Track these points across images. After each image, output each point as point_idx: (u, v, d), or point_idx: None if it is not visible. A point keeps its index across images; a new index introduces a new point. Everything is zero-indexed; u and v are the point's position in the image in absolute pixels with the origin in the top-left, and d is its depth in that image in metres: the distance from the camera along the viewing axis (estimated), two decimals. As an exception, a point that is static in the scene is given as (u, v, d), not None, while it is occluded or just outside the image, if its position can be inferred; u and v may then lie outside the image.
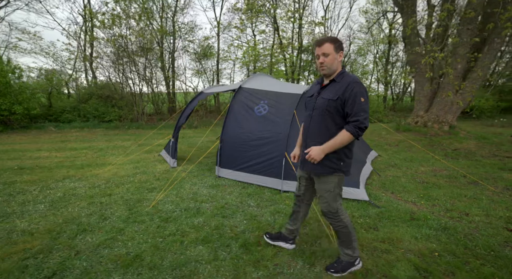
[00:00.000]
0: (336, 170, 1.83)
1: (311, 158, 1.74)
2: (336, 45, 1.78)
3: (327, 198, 1.88)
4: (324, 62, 1.77)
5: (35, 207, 3.08)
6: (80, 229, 2.60)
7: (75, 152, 6.13)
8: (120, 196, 3.46)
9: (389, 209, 3.06)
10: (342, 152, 1.81)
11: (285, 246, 2.28)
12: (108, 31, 10.03)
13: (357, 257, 1.99)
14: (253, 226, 2.67)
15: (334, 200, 1.88)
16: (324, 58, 1.77)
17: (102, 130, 9.48)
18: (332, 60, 1.77)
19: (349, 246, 1.95)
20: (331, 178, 1.85)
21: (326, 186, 1.87)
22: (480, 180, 4.12)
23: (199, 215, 2.91)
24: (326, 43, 1.76)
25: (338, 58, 1.80)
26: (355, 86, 1.70)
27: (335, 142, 1.72)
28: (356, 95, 1.68)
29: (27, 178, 4.13)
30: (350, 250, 1.96)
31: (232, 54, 15.18)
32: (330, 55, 1.76)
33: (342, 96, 1.72)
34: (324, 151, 1.74)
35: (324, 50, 1.77)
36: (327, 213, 1.91)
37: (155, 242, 2.38)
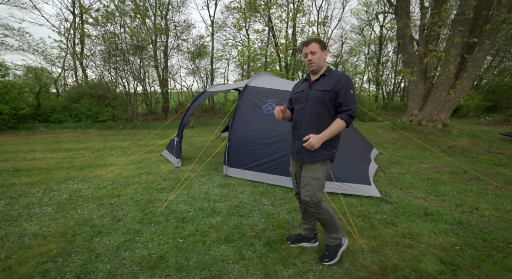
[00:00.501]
0: (329, 157, 1.96)
1: (310, 145, 1.82)
2: (321, 44, 1.97)
3: (314, 185, 1.94)
4: (312, 60, 1.95)
5: (42, 210, 2.95)
6: (95, 231, 2.51)
7: (72, 153, 5.93)
8: (129, 197, 3.37)
9: (401, 205, 3.11)
10: (334, 140, 1.97)
11: (309, 246, 2.28)
12: (100, 29, 9.74)
13: (341, 237, 2.11)
14: (272, 225, 2.66)
15: (319, 189, 1.96)
16: (312, 56, 1.95)
17: (96, 131, 9.22)
18: (318, 58, 1.96)
19: (335, 229, 2.07)
20: (322, 166, 1.96)
21: (315, 173, 1.95)
22: (480, 175, 4.26)
23: (215, 215, 2.87)
24: (312, 43, 1.95)
25: (324, 56, 1.98)
26: (345, 80, 1.90)
27: (331, 130, 1.86)
28: (347, 88, 1.88)
29: (26, 180, 3.96)
30: (336, 232, 2.08)
31: (227, 54, 15.12)
32: (317, 53, 1.94)
33: (335, 87, 1.89)
34: (323, 138, 1.85)
35: (311, 49, 1.94)
36: (310, 202, 1.95)
37: (176, 242, 2.33)
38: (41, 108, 10.40)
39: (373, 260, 2.06)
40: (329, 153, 1.96)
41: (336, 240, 2.08)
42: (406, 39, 8.91)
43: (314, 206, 1.96)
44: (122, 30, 10.32)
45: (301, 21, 14.81)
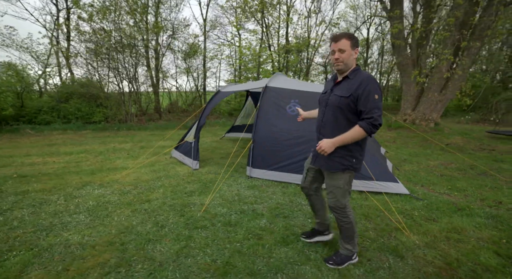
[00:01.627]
0: (348, 167, 1.85)
1: (321, 149, 1.75)
2: (353, 42, 1.78)
3: (336, 193, 1.92)
4: (340, 58, 1.77)
5: (73, 218, 2.78)
6: (143, 238, 2.40)
7: (73, 157, 5.61)
8: (160, 201, 3.26)
9: (431, 201, 3.26)
10: (355, 150, 1.84)
11: (324, 239, 2.32)
12: (93, 24, 9.24)
13: (355, 252, 2.07)
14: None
15: (343, 196, 1.92)
16: (340, 54, 1.77)
17: (90, 133, 8.77)
18: (348, 56, 1.77)
19: (351, 241, 2.02)
20: (342, 175, 1.88)
21: (336, 182, 1.90)
22: (489, 170, 4.55)
23: (259, 217, 2.85)
24: (343, 39, 1.76)
25: (354, 55, 1.80)
26: (368, 83, 1.69)
27: (346, 137, 1.73)
28: (369, 93, 1.68)
29: (39, 187, 3.70)
30: (350, 245, 2.03)
31: (219, 53, 14.95)
32: (346, 51, 1.76)
33: (355, 92, 1.72)
34: (334, 143, 1.74)
35: (341, 46, 1.76)
36: (335, 208, 1.95)
37: (235, 247, 2.29)
38: (25, 109, 9.70)
39: (434, 255, 2.15)
40: (348, 162, 1.84)
41: (347, 251, 2.05)
42: (400, 42, 9.30)
43: (340, 211, 1.95)
44: (113, 26, 9.85)
45: (293, 22, 14.96)
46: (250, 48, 13.34)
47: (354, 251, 2.06)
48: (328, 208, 2.04)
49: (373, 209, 3.04)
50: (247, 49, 13.48)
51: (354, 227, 2.00)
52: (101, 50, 9.85)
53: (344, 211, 1.93)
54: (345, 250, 2.05)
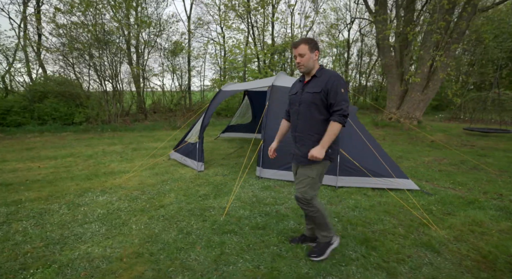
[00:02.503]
0: (325, 157, 1.93)
1: (314, 157, 1.83)
2: (311, 45, 1.91)
3: (306, 183, 1.97)
4: (301, 62, 1.92)
5: (85, 228, 2.53)
6: (172, 247, 2.24)
7: (59, 161, 5.16)
8: (176, 206, 3.08)
9: (441, 195, 3.41)
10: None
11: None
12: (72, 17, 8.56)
13: (332, 236, 2.13)
14: (349, 223, 2.69)
15: (311, 188, 1.98)
16: (300, 58, 1.91)
17: (71, 134, 8.13)
18: (307, 60, 1.91)
19: (324, 227, 2.09)
20: (317, 165, 1.96)
21: (308, 172, 1.97)
22: (480, 164, 4.87)
23: (286, 218, 2.80)
24: (301, 45, 1.90)
25: (314, 57, 1.93)
26: (335, 79, 1.86)
27: (330, 136, 1.84)
28: (337, 87, 1.84)
29: (32, 196, 3.34)
30: (326, 231, 2.10)
31: (205, 52, 14.63)
32: (305, 55, 1.90)
33: (325, 87, 1.86)
34: (324, 147, 1.84)
35: (300, 51, 1.90)
36: (301, 199, 1.99)
37: (273, 251, 2.22)
38: (-10, 109, 8.78)
39: (467, 249, 2.23)
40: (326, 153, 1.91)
41: (325, 238, 2.11)
42: (385, 44, 9.71)
43: (306, 202, 1.99)
44: (93, 20, 9.22)
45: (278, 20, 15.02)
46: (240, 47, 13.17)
47: (331, 236, 2.12)
48: (295, 199, 2.06)
49: (392, 206, 3.11)
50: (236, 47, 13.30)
51: (324, 213, 2.06)
52: (80, 45, 9.18)
53: (310, 203, 1.99)
54: (322, 238, 2.12)
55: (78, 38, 9.18)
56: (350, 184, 3.74)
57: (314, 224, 2.11)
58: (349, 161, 3.73)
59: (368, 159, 3.76)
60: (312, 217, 2.05)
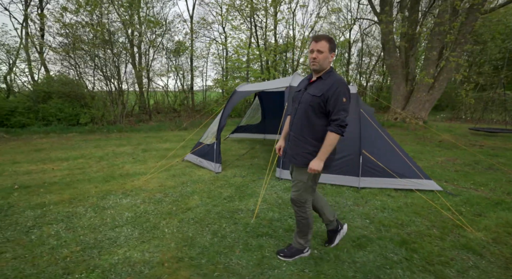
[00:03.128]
0: None
1: (313, 170, 1.82)
2: (331, 45, 1.86)
3: (300, 187, 1.98)
4: (317, 58, 1.83)
5: (118, 232, 2.49)
6: (211, 251, 2.21)
7: (72, 163, 5.08)
8: (203, 209, 3.05)
9: (465, 196, 3.43)
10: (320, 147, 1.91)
11: (343, 233, 2.35)
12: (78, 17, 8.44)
13: (307, 247, 2.15)
14: (382, 225, 2.68)
15: (305, 191, 1.98)
16: (317, 54, 1.83)
17: (77, 136, 8.03)
18: (324, 58, 1.84)
19: (304, 236, 2.10)
20: (306, 169, 1.92)
21: (301, 177, 1.97)
22: (491, 165, 4.91)
23: (317, 220, 2.77)
24: (323, 41, 1.83)
25: (330, 58, 1.87)
26: (339, 86, 1.79)
27: (326, 147, 1.81)
28: (339, 95, 1.78)
29: (54, 198, 3.28)
30: (303, 240, 2.12)
31: (207, 52, 14.57)
32: (324, 53, 1.83)
33: (326, 93, 1.80)
34: (321, 159, 1.82)
35: (319, 47, 1.82)
36: (296, 201, 2.01)
37: (314, 254, 2.20)
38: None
39: (510, 252, 2.22)
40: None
41: (299, 245, 2.13)
42: (390, 44, 9.76)
43: (299, 205, 2.01)
44: (98, 20, 9.11)
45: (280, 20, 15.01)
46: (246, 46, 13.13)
47: (306, 246, 2.14)
48: (290, 201, 2.10)
49: (420, 207, 3.11)
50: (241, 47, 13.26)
51: (310, 224, 2.07)
52: (85, 45, 9.07)
53: (303, 206, 2.01)
54: (297, 244, 2.13)
55: (83, 38, 9.07)
56: (372, 185, 3.73)
57: (297, 227, 2.12)
58: (371, 161, 3.73)
59: (391, 159, 3.76)
60: (298, 221, 2.07)
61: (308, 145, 1.91)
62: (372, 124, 4.05)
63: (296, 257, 2.12)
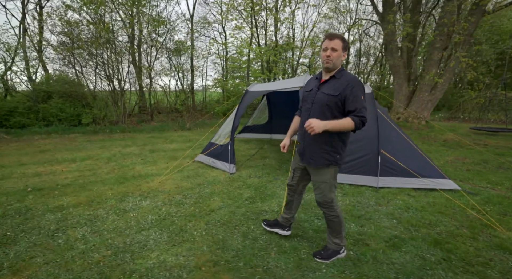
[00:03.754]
0: (332, 162, 1.94)
1: (310, 126, 1.70)
2: (345, 44, 1.87)
3: (323, 188, 2.00)
4: (331, 56, 1.84)
5: (145, 235, 2.43)
6: (246, 254, 2.17)
7: (80, 164, 4.97)
8: (227, 210, 3.00)
9: (485, 195, 3.45)
10: (338, 146, 1.94)
11: (281, 233, 2.42)
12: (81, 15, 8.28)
13: (343, 246, 2.14)
14: (410, 225, 2.67)
15: (329, 191, 2.00)
16: (332, 52, 1.84)
17: (80, 136, 7.88)
18: (338, 56, 1.85)
19: (338, 235, 2.10)
20: (327, 170, 1.96)
21: (322, 177, 1.99)
22: (501, 164, 4.97)
23: (345, 221, 2.75)
24: (337, 39, 1.84)
25: (342, 57, 1.88)
26: (355, 85, 1.80)
27: (337, 123, 1.76)
28: (357, 94, 1.79)
29: (72, 201, 3.20)
30: (338, 239, 2.11)
31: (207, 52, 14.48)
32: (338, 51, 1.84)
33: (343, 92, 1.80)
34: (325, 125, 1.73)
35: (334, 45, 1.83)
36: (323, 203, 2.03)
37: (350, 255, 2.18)
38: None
39: (544, 250, 2.24)
40: (332, 158, 1.93)
41: (335, 246, 2.12)
42: (393, 45, 9.82)
43: (328, 206, 2.02)
44: (100, 19, 8.96)
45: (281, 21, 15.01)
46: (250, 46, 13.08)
47: (342, 245, 2.14)
48: (316, 204, 2.14)
49: (443, 206, 3.12)
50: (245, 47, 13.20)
51: (342, 221, 2.08)
52: (86, 44, 8.91)
53: (331, 206, 2.02)
54: (333, 245, 2.13)
55: (85, 36, 8.91)
56: (391, 185, 3.73)
57: (330, 228, 2.12)
58: (390, 161, 3.73)
59: (410, 159, 3.77)
60: (330, 221, 2.08)
61: (325, 144, 1.91)
62: (389, 124, 4.06)
63: (334, 258, 2.10)
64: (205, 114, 12.11)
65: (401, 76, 10.01)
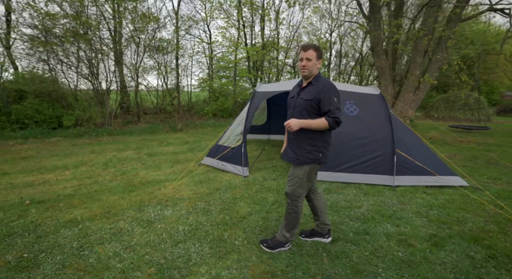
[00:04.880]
0: (314, 160, 2.06)
1: (289, 125, 1.92)
2: (319, 53, 2.04)
3: (295, 182, 2.11)
4: (306, 66, 2.02)
5: (183, 248, 2.25)
6: (298, 262, 2.10)
7: (75, 171, 4.56)
8: (259, 216, 2.90)
9: (492, 190, 3.66)
10: (322, 146, 2.06)
11: (323, 240, 2.40)
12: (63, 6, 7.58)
13: (290, 241, 2.26)
14: (441, 223, 2.76)
15: (300, 186, 2.11)
16: (306, 62, 2.01)
17: (63, 140, 7.24)
18: (312, 65, 2.02)
19: (290, 230, 2.20)
20: (304, 166, 2.08)
21: (297, 172, 2.11)
22: (490, 159, 5.35)
23: (381, 222, 2.77)
24: (310, 50, 2.01)
25: (317, 65, 2.06)
26: (329, 88, 1.97)
27: (312, 122, 1.95)
28: (330, 96, 1.94)
29: (85, 213, 2.90)
30: (289, 233, 2.21)
31: (193, 50, 14.07)
32: (312, 60, 2.01)
33: (318, 96, 1.96)
34: (301, 124, 1.94)
35: (308, 55, 2.00)
36: (290, 195, 2.14)
37: (400, 256, 2.18)
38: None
39: None
40: (314, 156, 2.05)
41: (283, 238, 2.22)
42: (380, 48, 10.23)
43: (293, 199, 2.13)
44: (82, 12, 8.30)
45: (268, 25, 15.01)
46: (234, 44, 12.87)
47: (290, 240, 2.25)
48: (285, 194, 2.25)
49: (461, 203, 3.26)
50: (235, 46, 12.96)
51: (299, 218, 2.19)
52: (63, 39, 8.21)
53: (296, 200, 2.14)
54: (282, 237, 2.22)
55: (60, 30, 8.20)
56: (406, 183, 3.84)
57: (285, 221, 2.21)
58: (405, 160, 3.84)
59: (423, 157, 3.91)
60: (288, 214, 2.18)
61: (307, 145, 2.04)
62: (400, 123, 4.19)
63: (277, 249, 2.21)
64: (194, 114, 11.76)
65: (387, 77, 10.46)
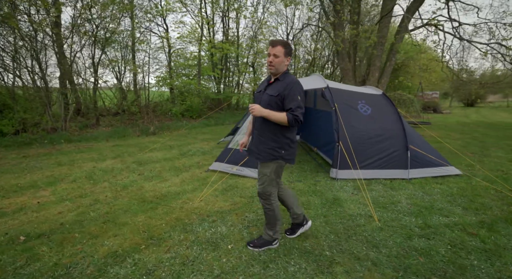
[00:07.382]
0: (277, 157, 2.06)
1: (252, 108, 1.92)
2: (287, 50, 1.99)
3: (264, 180, 2.11)
4: (273, 62, 1.98)
5: (279, 269, 2.00)
6: (367, 267, 2.08)
7: (56, 191, 3.68)
8: (324, 220, 2.80)
9: (480, 177, 4.29)
10: (283, 142, 2.06)
11: (306, 228, 2.46)
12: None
13: (276, 238, 2.27)
14: (476, 209, 3.07)
15: (270, 184, 2.11)
16: (273, 58, 1.97)
17: (5, 151, 5.69)
18: (280, 62, 1.98)
19: (272, 228, 2.23)
20: (270, 164, 2.08)
21: (264, 170, 2.11)
22: (450, 150, 6.30)
23: (422, 215, 2.93)
24: (278, 46, 1.96)
25: (285, 62, 2.02)
26: (293, 86, 1.95)
27: (272, 113, 1.93)
28: (294, 94, 1.94)
29: (124, 244, 2.33)
30: (272, 231, 2.23)
31: (152, 45, 12.80)
32: (279, 57, 1.97)
33: (282, 93, 1.96)
34: (263, 112, 1.93)
35: (275, 52, 1.96)
36: (262, 194, 2.16)
37: (481, 246, 2.36)
38: None
39: None
40: (277, 153, 2.05)
41: (269, 237, 2.24)
42: (343, 50, 11.03)
43: (265, 198, 2.15)
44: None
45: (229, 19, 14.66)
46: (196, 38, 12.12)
47: (275, 238, 2.26)
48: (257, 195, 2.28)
49: (469, 190, 3.70)
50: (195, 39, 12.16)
51: (277, 215, 2.20)
52: None
53: (268, 199, 2.14)
54: (267, 236, 2.25)
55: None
56: (417, 175, 4.19)
57: (266, 220, 2.23)
58: (417, 154, 4.19)
59: (429, 150, 4.34)
60: (266, 213, 2.20)
61: (270, 141, 2.04)
62: (404, 120, 4.56)
63: (265, 248, 2.23)
64: (160, 115, 10.72)
65: (350, 79, 11.36)
